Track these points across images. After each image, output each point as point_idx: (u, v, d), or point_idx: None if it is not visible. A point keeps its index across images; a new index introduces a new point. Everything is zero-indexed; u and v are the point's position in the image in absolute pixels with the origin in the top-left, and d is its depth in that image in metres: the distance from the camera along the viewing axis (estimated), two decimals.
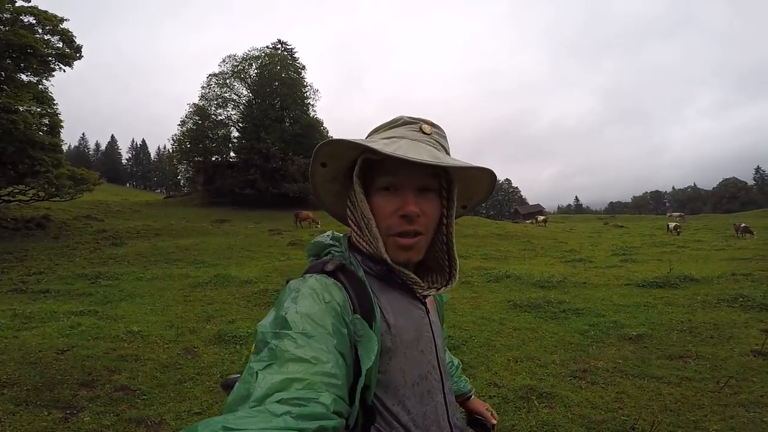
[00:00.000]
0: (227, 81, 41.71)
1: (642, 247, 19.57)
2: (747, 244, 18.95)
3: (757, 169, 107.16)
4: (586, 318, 6.52)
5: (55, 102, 19.44)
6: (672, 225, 28.89)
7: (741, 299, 6.69)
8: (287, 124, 42.06)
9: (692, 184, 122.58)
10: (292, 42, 49.40)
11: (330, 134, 44.52)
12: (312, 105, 44.66)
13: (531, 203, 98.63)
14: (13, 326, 5.78)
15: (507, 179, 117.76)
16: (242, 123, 42.08)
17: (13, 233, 17.11)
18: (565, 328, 6.10)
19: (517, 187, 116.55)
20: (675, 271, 9.09)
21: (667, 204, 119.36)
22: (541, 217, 48.11)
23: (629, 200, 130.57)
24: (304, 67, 45.60)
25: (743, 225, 24.49)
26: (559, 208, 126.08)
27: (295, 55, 47.62)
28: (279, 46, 48.05)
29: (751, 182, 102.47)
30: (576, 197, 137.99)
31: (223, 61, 42.68)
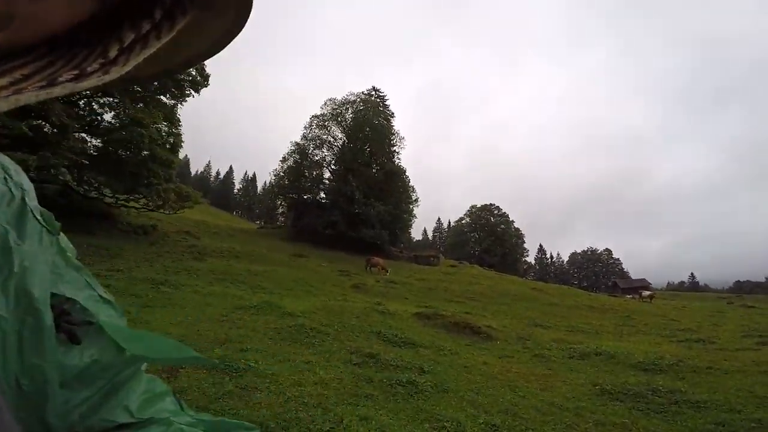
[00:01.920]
0: (326, 123, 44.35)
1: None
2: None
3: None
4: (711, 413, 4.56)
5: (180, 123, 22.44)
6: None
7: None
8: (373, 170, 43.33)
9: None
10: (384, 89, 51.67)
11: (411, 183, 44.88)
12: (397, 152, 45.66)
13: (634, 277, 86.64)
14: None
15: (607, 249, 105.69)
16: (335, 165, 44.24)
17: (124, 234, 19.80)
18: (676, 426, 4.27)
19: (618, 259, 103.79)
20: None
21: None
22: (646, 293, 41.83)
23: (762, 279, 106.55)
24: (393, 114, 47.22)
25: None
26: (669, 284, 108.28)
27: (386, 102, 49.41)
28: (373, 92, 50.07)
29: None
30: (692, 274, 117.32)
31: (325, 103, 45.62)
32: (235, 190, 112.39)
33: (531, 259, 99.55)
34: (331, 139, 44.56)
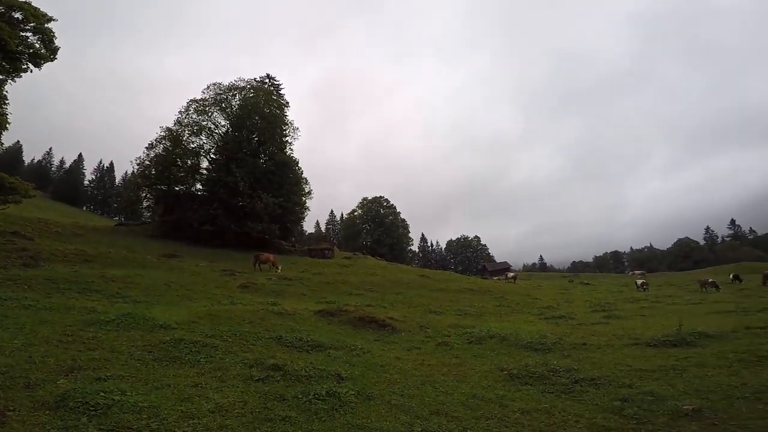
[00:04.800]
0: (207, 108, 39.72)
1: (617, 303, 18.99)
2: (719, 298, 18.98)
3: (707, 229, 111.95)
4: (609, 390, 4.97)
5: (6, 101, 18.11)
6: (640, 282, 29.43)
7: None
8: (261, 159, 40.26)
9: (648, 245, 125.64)
10: (280, 78, 49.88)
11: (304, 174, 43.36)
12: (289, 143, 43.18)
13: (498, 260, 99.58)
14: None
15: (476, 236, 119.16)
16: (215, 154, 39.87)
17: None
18: (587, 405, 4.50)
19: (485, 245, 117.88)
20: (686, 328, 7.86)
21: (626, 263, 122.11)
22: (510, 274, 48.56)
23: (591, 260, 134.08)
24: (287, 104, 44.93)
25: (711, 280, 25.00)
26: (524, 266, 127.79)
27: (281, 91, 47.10)
28: (267, 80, 47.44)
29: (702, 242, 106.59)
30: (540, 256, 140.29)
31: (207, 87, 40.93)
32: (86, 182, 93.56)
33: (415, 247, 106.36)
34: (212, 126, 39.90)
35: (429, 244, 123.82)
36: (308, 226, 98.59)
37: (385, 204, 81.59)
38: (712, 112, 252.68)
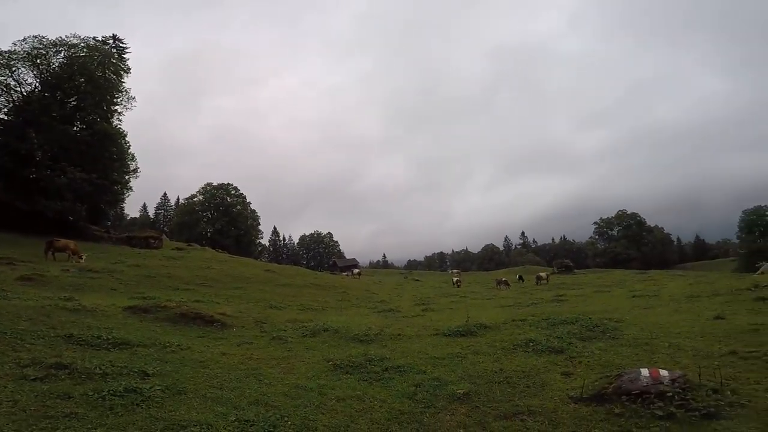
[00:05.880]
0: (12, 63, 31.76)
1: (435, 297, 22.18)
2: (506, 294, 24.10)
3: (506, 238, 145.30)
4: (409, 376, 5.80)
5: None
6: (455, 279, 35.06)
7: (532, 344, 7.22)
8: (75, 128, 33.82)
9: (465, 248, 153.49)
10: (131, 41, 44.11)
11: (131, 150, 36.81)
12: (120, 113, 37.45)
13: (348, 257, 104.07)
14: None
15: (329, 233, 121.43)
16: (8, 115, 32.17)
17: None
18: (391, 391, 5.19)
19: (337, 241, 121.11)
20: (472, 320, 9.60)
21: (448, 263, 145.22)
22: (356, 270, 51.74)
23: (423, 259, 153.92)
24: (128, 69, 39.17)
25: (504, 279, 31.53)
26: (370, 263, 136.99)
27: (125, 55, 41.46)
28: (111, 41, 41.56)
29: (502, 248, 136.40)
30: (384, 254, 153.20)
31: (23, 39, 32.72)
32: None
33: (266, 241, 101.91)
34: (13, 83, 32.47)
35: (281, 238, 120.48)
36: (132, 210, 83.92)
37: (233, 192, 75.62)
38: (524, 143, 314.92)
